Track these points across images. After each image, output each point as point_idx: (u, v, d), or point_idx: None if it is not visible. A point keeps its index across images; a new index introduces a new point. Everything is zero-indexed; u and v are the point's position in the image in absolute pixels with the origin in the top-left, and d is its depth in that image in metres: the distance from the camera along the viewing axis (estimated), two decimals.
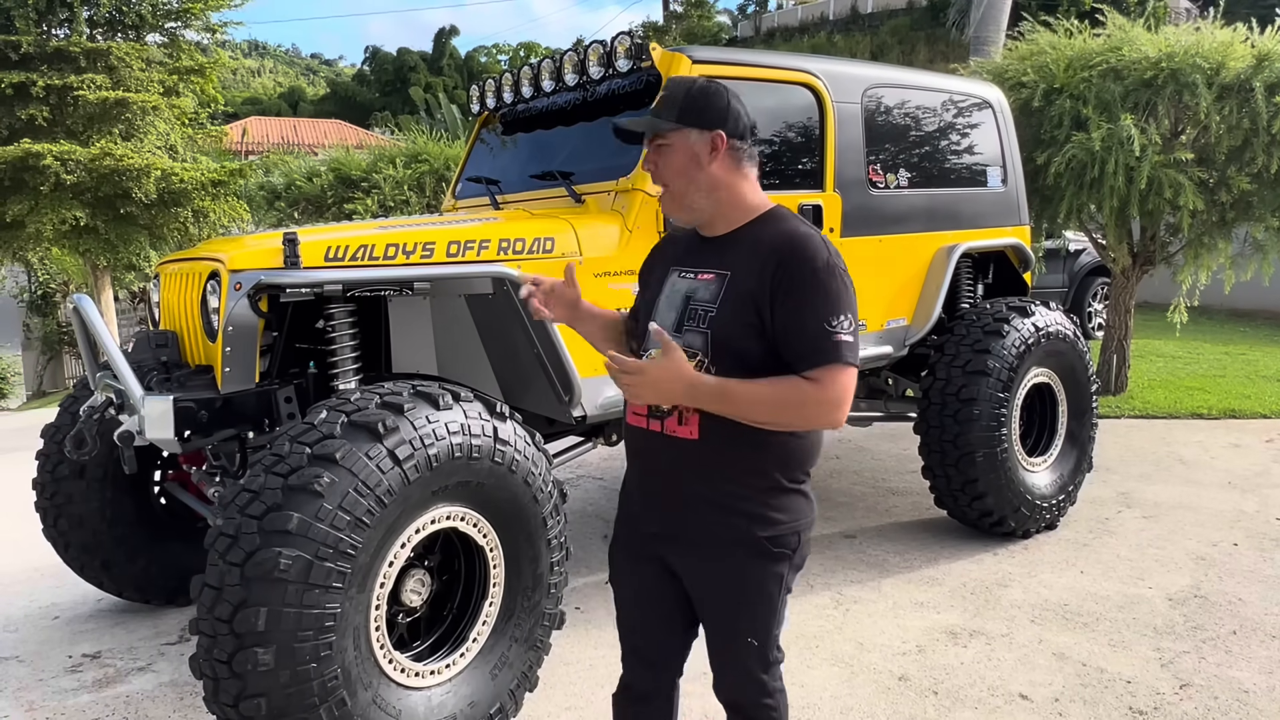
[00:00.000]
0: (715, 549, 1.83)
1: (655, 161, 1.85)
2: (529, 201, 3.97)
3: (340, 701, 2.42)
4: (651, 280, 1.97)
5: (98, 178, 8.87)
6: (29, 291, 14.33)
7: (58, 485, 3.69)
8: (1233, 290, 7.57)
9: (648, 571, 1.95)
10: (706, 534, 1.83)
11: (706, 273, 1.83)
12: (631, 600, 2.02)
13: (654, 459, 1.88)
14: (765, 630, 1.87)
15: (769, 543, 1.82)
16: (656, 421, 1.83)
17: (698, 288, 1.83)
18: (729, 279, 1.79)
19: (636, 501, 1.96)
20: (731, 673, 1.91)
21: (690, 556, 1.87)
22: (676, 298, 1.86)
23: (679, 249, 1.95)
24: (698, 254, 1.88)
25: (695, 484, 1.82)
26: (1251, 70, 6.06)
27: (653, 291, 1.93)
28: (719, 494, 1.81)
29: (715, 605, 1.88)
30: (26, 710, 3.19)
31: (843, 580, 4.10)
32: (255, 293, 2.90)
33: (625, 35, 3.71)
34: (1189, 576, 4.05)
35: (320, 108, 45.49)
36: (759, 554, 1.82)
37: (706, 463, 1.80)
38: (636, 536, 1.96)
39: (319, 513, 2.37)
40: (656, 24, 37.49)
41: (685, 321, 1.80)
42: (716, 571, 1.85)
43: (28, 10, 8.93)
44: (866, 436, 6.71)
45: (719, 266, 1.82)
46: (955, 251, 4.58)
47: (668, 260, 1.95)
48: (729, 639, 1.89)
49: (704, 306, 1.79)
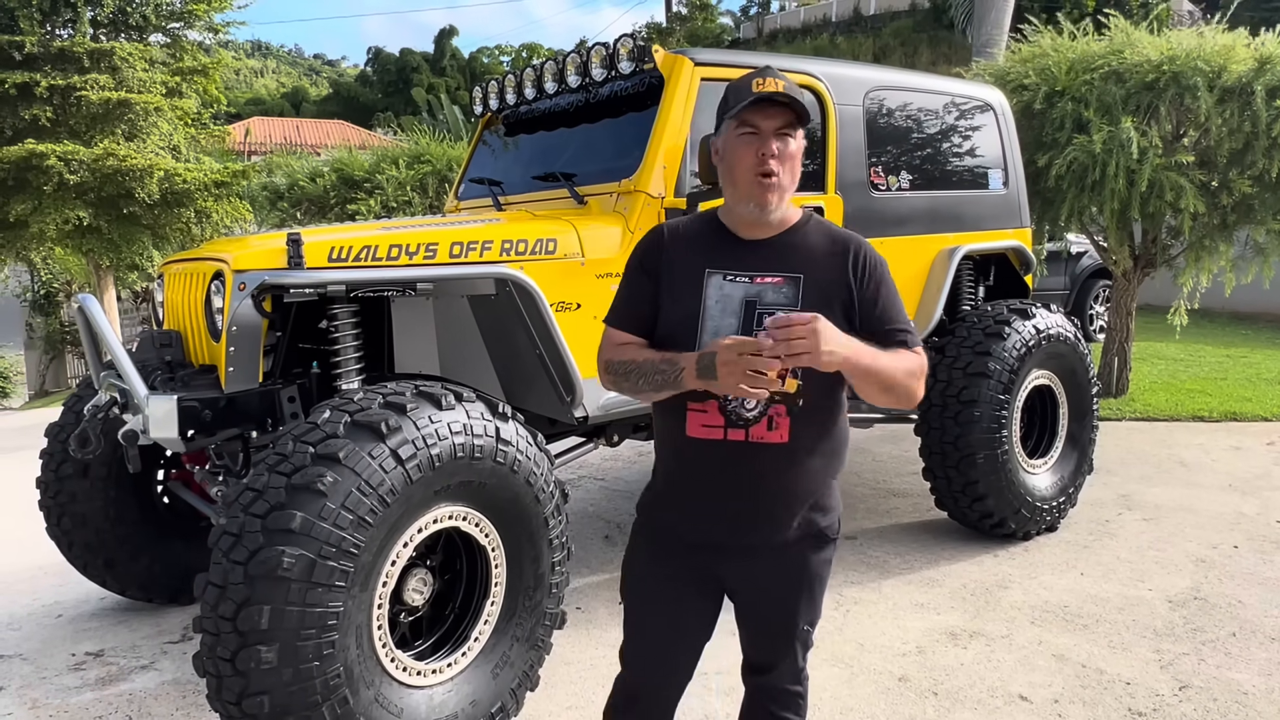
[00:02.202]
0: (785, 547, 1.87)
1: (779, 149, 1.78)
2: (532, 202, 3.98)
3: (342, 699, 2.43)
4: (677, 281, 1.85)
5: (101, 178, 8.89)
6: (32, 291, 14.35)
7: (61, 484, 3.71)
8: (1234, 293, 7.58)
9: (686, 583, 1.93)
10: (778, 534, 1.86)
11: (770, 276, 1.80)
12: (660, 611, 1.97)
13: (729, 469, 1.82)
14: (817, 615, 1.98)
15: (826, 531, 1.93)
16: (739, 430, 1.79)
17: (762, 291, 1.79)
18: (805, 281, 1.80)
19: (688, 514, 1.90)
20: (784, 662, 1.97)
21: (753, 560, 1.88)
22: (732, 303, 1.80)
23: (706, 250, 1.86)
24: (743, 257, 1.83)
25: (778, 488, 1.83)
26: (1253, 74, 6.07)
27: (687, 295, 1.83)
28: (800, 494, 1.86)
29: (776, 600, 1.92)
30: (30, 708, 3.21)
31: (843, 581, 4.11)
32: (259, 293, 2.91)
33: (628, 37, 3.73)
34: (1189, 579, 4.06)
35: (323, 108, 45.55)
36: (820, 544, 1.92)
37: (793, 465, 1.83)
38: (678, 548, 1.92)
39: (322, 512, 2.39)
40: (660, 25, 37.50)
41: (756, 326, 1.76)
42: (782, 568, 1.89)
43: (32, 11, 8.95)
44: (867, 438, 6.71)
45: (785, 269, 1.81)
46: (956, 254, 4.59)
47: (696, 261, 1.85)
48: (788, 631, 1.94)
49: (782, 310, 1.75)
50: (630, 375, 1.83)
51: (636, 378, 1.82)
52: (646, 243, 1.95)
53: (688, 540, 1.91)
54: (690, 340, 1.80)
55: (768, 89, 1.76)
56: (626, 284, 1.95)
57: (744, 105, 1.77)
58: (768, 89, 1.76)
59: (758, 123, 1.78)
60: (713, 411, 1.79)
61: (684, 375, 1.72)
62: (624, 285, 1.96)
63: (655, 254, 1.91)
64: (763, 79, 1.78)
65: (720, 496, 1.85)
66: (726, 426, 1.80)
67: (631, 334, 1.90)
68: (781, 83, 1.78)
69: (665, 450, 1.95)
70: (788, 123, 1.79)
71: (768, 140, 1.78)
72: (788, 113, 1.79)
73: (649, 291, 1.89)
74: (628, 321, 1.92)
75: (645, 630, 2.01)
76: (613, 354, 1.89)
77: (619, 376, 1.86)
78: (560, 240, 3.40)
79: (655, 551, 1.97)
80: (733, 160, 1.82)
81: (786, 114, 1.79)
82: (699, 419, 1.81)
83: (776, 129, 1.79)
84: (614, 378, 1.88)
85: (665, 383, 1.76)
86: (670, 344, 1.83)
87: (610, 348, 1.91)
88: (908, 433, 4.93)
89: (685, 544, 1.91)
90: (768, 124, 1.78)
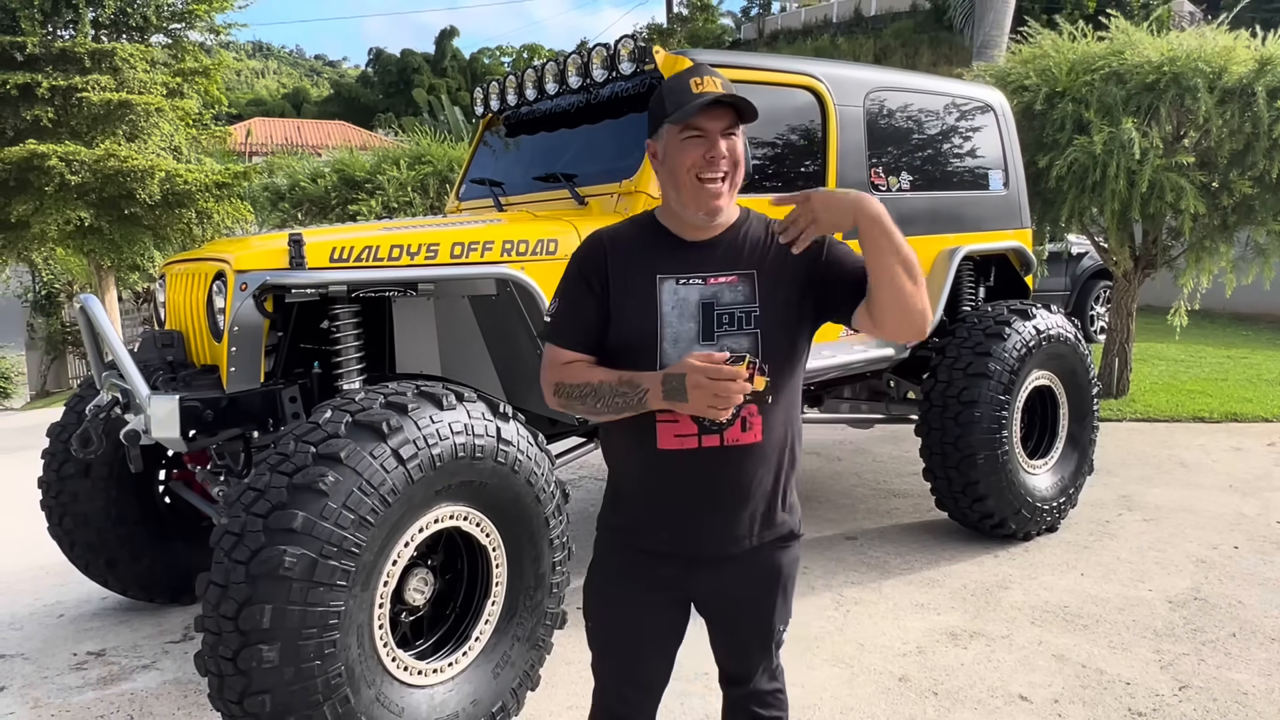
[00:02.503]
0: (759, 550, 1.85)
1: (729, 149, 1.75)
2: (533, 203, 3.99)
3: (344, 699, 2.44)
4: (626, 290, 1.78)
5: (102, 179, 8.90)
6: (33, 291, 14.37)
7: (63, 484, 3.71)
8: (1234, 294, 7.58)
9: (659, 599, 1.88)
10: (753, 536, 1.83)
11: (723, 276, 1.77)
12: (634, 628, 1.92)
13: (706, 476, 1.78)
14: (789, 616, 1.96)
15: (795, 529, 1.91)
16: (713, 436, 1.75)
17: (719, 292, 1.76)
18: (759, 276, 1.77)
19: (663, 526, 1.83)
20: (762, 664, 1.96)
21: (726, 567, 1.84)
22: (689, 307, 1.76)
23: (652, 255, 1.80)
24: (692, 259, 1.79)
25: (755, 488, 1.80)
26: (1253, 75, 6.07)
27: (640, 303, 1.77)
28: (775, 492, 1.84)
29: (752, 606, 1.89)
30: (32, 707, 3.21)
31: (843, 581, 4.11)
32: (261, 293, 2.92)
33: (629, 38, 3.73)
34: (1189, 579, 4.06)
35: (324, 109, 45.59)
36: (789, 543, 1.90)
37: (766, 463, 1.81)
38: (646, 562, 1.86)
39: (324, 511, 2.39)
40: (661, 26, 37.52)
41: (716, 328, 1.75)
42: (756, 572, 1.86)
43: (33, 11, 8.96)
44: (868, 439, 6.72)
45: (738, 267, 1.78)
46: (957, 254, 4.59)
47: (643, 267, 1.79)
48: (765, 636, 1.93)
49: (741, 309, 1.75)
50: (586, 398, 1.74)
51: (594, 400, 1.73)
52: (585, 252, 1.85)
53: (659, 553, 1.84)
54: (649, 350, 1.75)
55: (709, 89, 1.71)
56: (567, 297, 1.84)
57: (690, 109, 1.70)
58: (709, 89, 1.71)
59: (703, 125, 1.73)
60: (685, 421, 1.74)
61: (649, 397, 1.66)
62: (564, 299, 1.84)
63: (598, 263, 1.82)
64: (700, 79, 1.73)
65: (698, 504, 1.80)
66: (700, 434, 1.75)
67: (578, 350, 1.80)
68: (719, 81, 1.73)
69: (630, 464, 1.87)
70: (732, 122, 1.75)
71: (715, 143, 1.73)
72: (731, 112, 1.74)
73: (594, 303, 1.80)
74: (573, 337, 1.81)
75: (618, 649, 1.96)
76: (561, 375, 1.79)
77: (572, 399, 1.77)
78: (561, 241, 3.40)
79: (623, 568, 1.90)
80: (677, 164, 1.75)
81: (730, 114, 1.74)
82: (671, 430, 1.75)
83: (722, 129, 1.74)
84: (566, 400, 1.78)
85: (627, 405, 1.70)
86: (626, 355, 1.77)
87: (556, 368, 1.80)
88: (908, 433, 4.94)
89: (654, 557, 1.85)
90: (714, 125, 1.73)
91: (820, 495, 5.47)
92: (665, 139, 1.77)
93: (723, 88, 1.72)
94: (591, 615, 1.97)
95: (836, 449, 6.56)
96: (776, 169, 4.03)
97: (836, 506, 5.24)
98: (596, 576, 1.96)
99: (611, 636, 1.96)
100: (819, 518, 5.03)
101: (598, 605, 1.96)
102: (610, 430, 1.87)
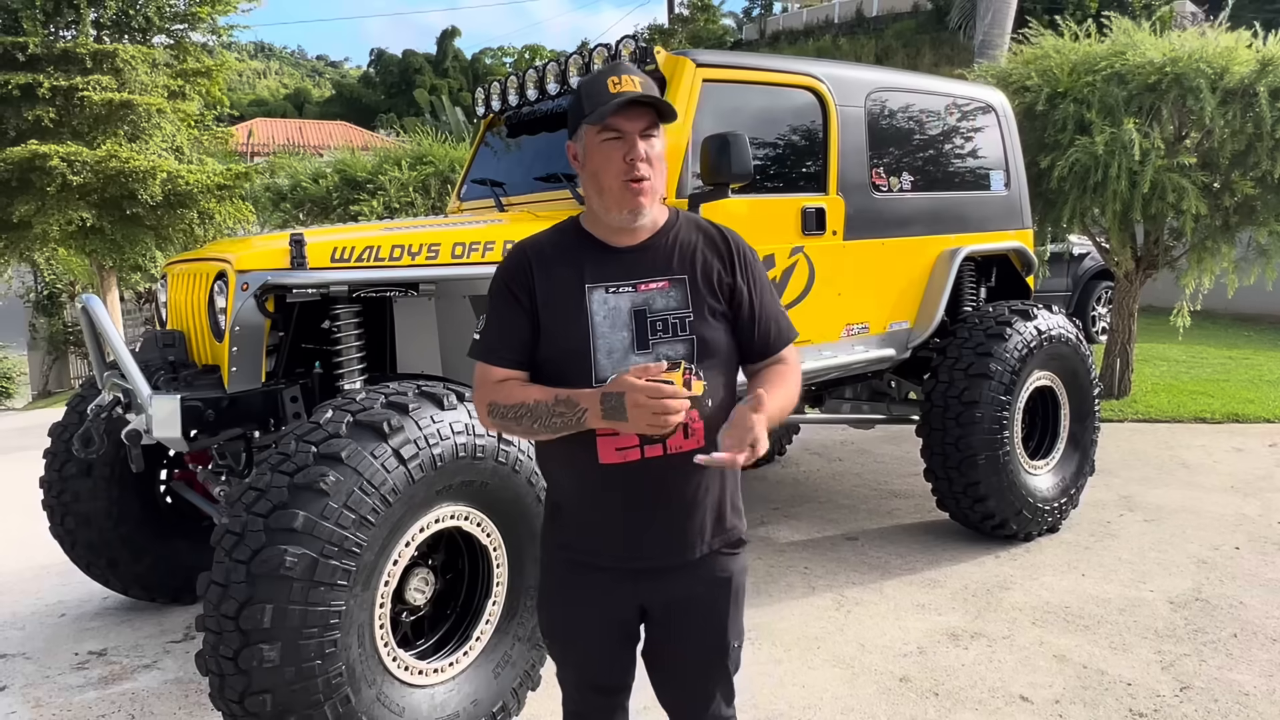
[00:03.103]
0: (706, 558, 1.79)
1: (646, 152, 1.69)
2: (534, 203, 3.99)
3: (344, 698, 2.44)
4: (554, 301, 1.73)
5: (104, 179, 8.91)
6: (35, 292, 14.40)
7: (65, 483, 3.72)
8: (1236, 294, 7.56)
9: (612, 612, 1.82)
10: (702, 544, 1.78)
11: (654, 281, 1.73)
12: (592, 642, 1.86)
13: (650, 486, 1.72)
14: (743, 631, 1.90)
15: (742, 536, 1.87)
16: (656, 446, 1.69)
17: (650, 298, 1.72)
18: (689, 281, 1.74)
19: (609, 540, 1.77)
20: (719, 688, 1.89)
21: (675, 578, 1.78)
22: (620, 315, 1.71)
23: (579, 263, 1.75)
24: (620, 265, 1.74)
25: (702, 495, 1.76)
26: (1255, 75, 6.07)
27: (570, 315, 1.71)
28: (722, 497, 1.80)
29: (706, 614, 1.82)
30: (33, 706, 3.22)
31: (844, 582, 4.11)
32: (262, 293, 2.92)
33: (630, 39, 3.73)
34: (1190, 580, 4.05)
35: (326, 109, 45.61)
36: (736, 549, 1.85)
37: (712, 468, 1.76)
38: (596, 577, 1.80)
39: (324, 511, 2.39)
40: (662, 27, 37.53)
41: (650, 336, 1.70)
42: (705, 582, 1.80)
43: (35, 12, 8.97)
44: (869, 439, 6.72)
45: (668, 272, 1.74)
46: (958, 255, 4.59)
47: (570, 276, 1.74)
48: (720, 651, 1.86)
49: (673, 315, 1.71)
50: (522, 419, 1.68)
51: (530, 421, 1.67)
52: (510, 265, 1.79)
53: (604, 567, 1.78)
54: (582, 363, 1.70)
55: (626, 89, 1.65)
56: (496, 314, 1.77)
57: (606, 110, 1.65)
58: (626, 89, 1.65)
59: (621, 126, 1.67)
60: (625, 434, 1.67)
61: (587, 417, 1.61)
62: (493, 315, 1.78)
63: (523, 276, 1.75)
64: (618, 77, 1.66)
65: (644, 516, 1.74)
66: (643, 445, 1.69)
67: (510, 368, 1.74)
68: (638, 79, 1.67)
69: (569, 479, 1.81)
70: (651, 123, 1.69)
71: (634, 144, 1.68)
72: (650, 113, 1.69)
73: (523, 319, 1.74)
74: (505, 354, 1.75)
75: (580, 664, 1.92)
76: (494, 395, 1.72)
77: (508, 420, 1.70)
78: None
79: (572, 581, 1.83)
80: (597, 167, 1.70)
81: (649, 114, 1.69)
82: (611, 444, 1.69)
83: (641, 130, 1.68)
84: (501, 421, 1.72)
85: (565, 425, 1.64)
86: (557, 370, 1.72)
87: (489, 387, 1.73)
88: (909, 434, 4.94)
89: (599, 571, 1.79)
90: (631, 126, 1.67)
91: (821, 496, 5.47)
92: (584, 140, 1.72)
93: (642, 87, 1.67)
94: (546, 633, 1.94)
95: (837, 449, 6.56)
96: (777, 170, 4.03)
97: (838, 507, 5.24)
98: (545, 595, 1.91)
99: (567, 652, 1.91)
100: (820, 518, 5.03)
101: (549, 623, 1.92)
102: (546, 444, 1.79)
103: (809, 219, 3.96)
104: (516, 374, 1.75)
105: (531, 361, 1.76)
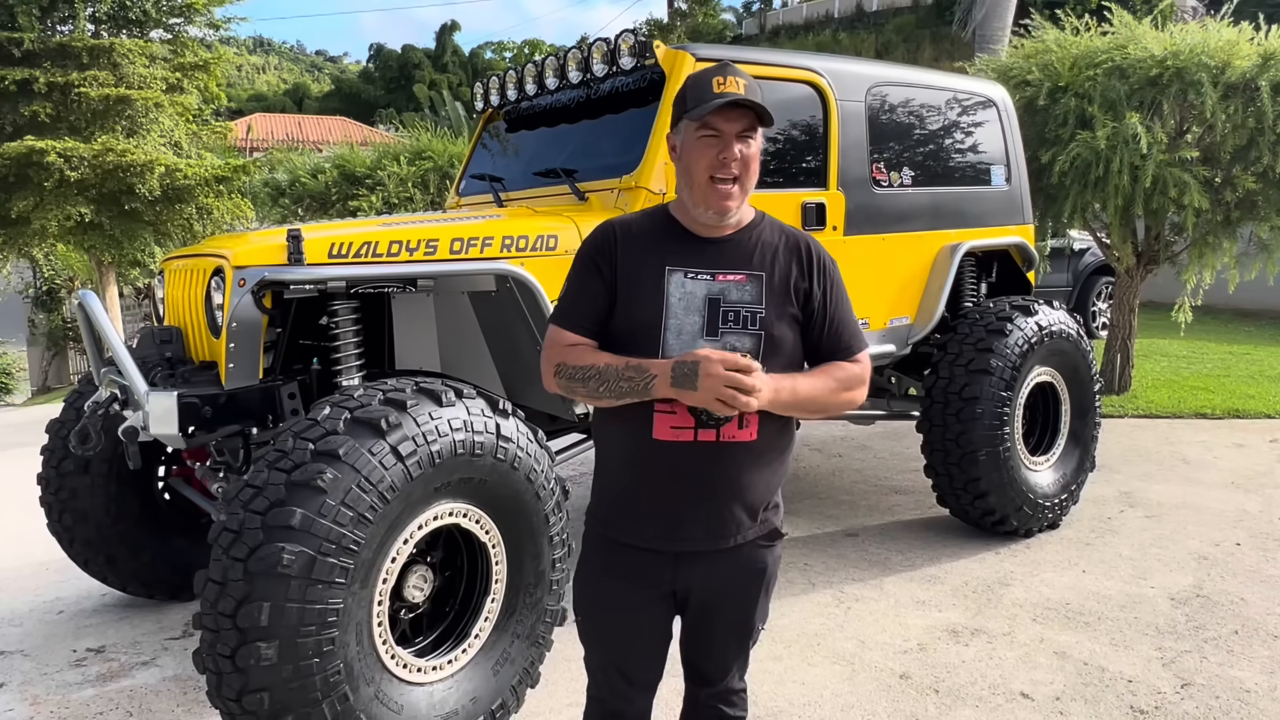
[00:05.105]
0: (746, 546, 1.86)
1: (741, 153, 1.75)
2: (533, 199, 3.98)
3: (343, 696, 2.43)
4: (634, 278, 1.80)
5: (101, 174, 8.88)
6: (34, 287, 14.38)
7: (62, 480, 3.71)
8: (1237, 290, 7.56)
9: (647, 595, 1.87)
10: (741, 533, 1.84)
11: (733, 274, 1.79)
12: (621, 623, 1.92)
13: (700, 470, 1.77)
14: (768, 614, 1.99)
15: (779, 528, 1.94)
16: (709, 431, 1.73)
17: (726, 289, 1.77)
18: (766, 279, 1.80)
19: (654, 519, 1.82)
20: (736, 663, 1.98)
21: (715, 562, 1.84)
22: (695, 300, 1.76)
23: (662, 246, 1.81)
24: (702, 254, 1.80)
25: (747, 486, 1.81)
26: (1257, 69, 6.05)
27: (647, 293, 1.78)
28: (765, 491, 1.86)
29: (736, 602, 1.90)
30: (31, 704, 3.21)
31: (844, 578, 4.10)
32: (259, 289, 2.91)
33: (629, 33, 3.72)
34: (1191, 576, 4.05)
35: (325, 104, 45.55)
36: (774, 541, 1.92)
37: (762, 462, 1.82)
38: (636, 556, 1.85)
39: (322, 508, 2.38)
40: (661, 21, 37.44)
41: (721, 324, 1.75)
42: (743, 568, 1.87)
43: (31, 7, 8.93)
44: (869, 435, 6.71)
45: (747, 267, 1.80)
46: (959, 250, 4.58)
47: (652, 257, 1.80)
48: (744, 633, 1.94)
49: (746, 309, 1.76)
50: (589, 380, 1.74)
51: (597, 384, 1.73)
52: (596, 239, 1.86)
53: (650, 547, 1.83)
54: (652, 339, 1.75)
55: (729, 90, 1.71)
56: (576, 282, 1.85)
57: (706, 108, 1.71)
58: (729, 90, 1.71)
59: (719, 126, 1.74)
60: (682, 413, 1.73)
61: (655, 384, 1.67)
62: (572, 283, 1.86)
63: (608, 250, 1.83)
64: (724, 78, 1.72)
65: (690, 499, 1.79)
66: (697, 427, 1.74)
67: (582, 334, 1.80)
68: (743, 82, 1.73)
69: (622, 454, 1.85)
70: (749, 125, 1.75)
71: (729, 144, 1.74)
72: (749, 115, 1.74)
73: (601, 289, 1.81)
74: (579, 321, 1.82)
75: (607, 645, 1.96)
76: (565, 356, 1.79)
77: (574, 381, 1.77)
78: (561, 236, 3.39)
79: (610, 564, 1.89)
80: (691, 162, 1.77)
81: (748, 116, 1.74)
82: (668, 421, 1.74)
83: (738, 132, 1.75)
84: (567, 382, 1.78)
85: (631, 390, 1.70)
86: (628, 343, 1.77)
87: (560, 349, 1.81)
88: (909, 429, 4.93)
89: (641, 552, 1.84)
90: (730, 127, 1.74)
91: (821, 492, 5.46)
92: (683, 135, 1.79)
93: (747, 90, 1.72)
94: (580, 610, 1.98)
95: (837, 445, 6.55)
96: (778, 165, 4.02)
97: (837, 503, 5.23)
98: (584, 572, 1.96)
99: (600, 632, 1.97)
100: (820, 514, 5.02)
101: (585, 601, 1.96)
102: (605, 417, 1.86)
103: (809, 214, 3.95)
104: (587, 340, 1.81)
105: (604, 332, 1.82)
